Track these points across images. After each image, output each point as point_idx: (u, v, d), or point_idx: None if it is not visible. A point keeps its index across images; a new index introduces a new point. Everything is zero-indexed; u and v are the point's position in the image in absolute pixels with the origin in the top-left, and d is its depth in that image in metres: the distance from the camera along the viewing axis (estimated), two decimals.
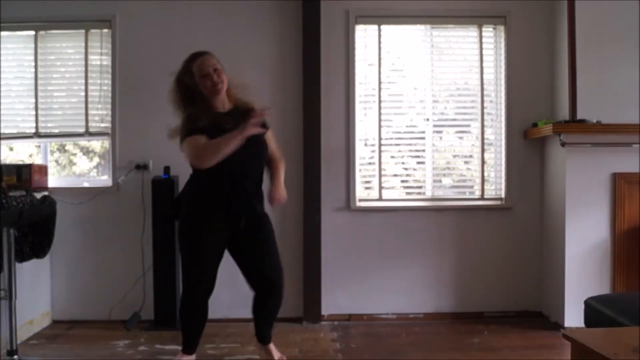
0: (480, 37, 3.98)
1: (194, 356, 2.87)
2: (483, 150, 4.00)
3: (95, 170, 4.15)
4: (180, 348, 2.80)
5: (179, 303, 2.88)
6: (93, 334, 3.57)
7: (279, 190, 2.76)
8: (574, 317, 3.46)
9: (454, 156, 4.12)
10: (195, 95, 2.65)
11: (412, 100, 4.03)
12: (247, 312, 3.85)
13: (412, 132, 4.03)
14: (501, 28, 3.97)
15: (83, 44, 3.92)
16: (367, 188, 3.98)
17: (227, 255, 3.87)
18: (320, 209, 3.83)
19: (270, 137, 2.80)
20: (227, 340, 3.43)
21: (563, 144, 3.57)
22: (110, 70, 3.89)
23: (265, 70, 3.90)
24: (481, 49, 3.98)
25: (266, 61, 3.92)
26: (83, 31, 3.91)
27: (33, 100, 3.92)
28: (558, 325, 3.65)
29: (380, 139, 3.95)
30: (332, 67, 3.86)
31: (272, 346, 2.91)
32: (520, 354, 3.15)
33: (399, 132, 4.03)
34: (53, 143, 4.05)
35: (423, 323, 3.83)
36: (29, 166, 3.62)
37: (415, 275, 3.92)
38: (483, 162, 4.00)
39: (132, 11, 3.88)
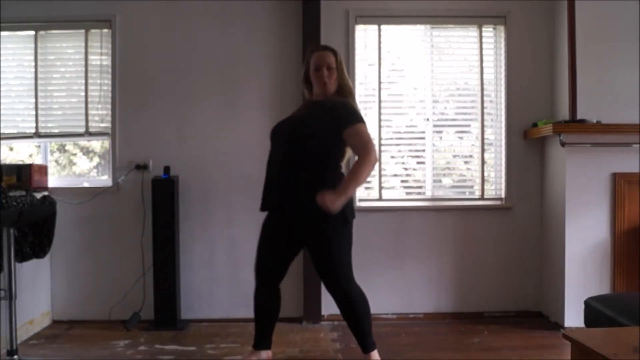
0: (480, 37, 3.99)
1: (263, 354, 2.79)
2: (483, 150, 4.00)
3: (95, 170, 4.15)
4: (177, 348, 2.75)
5: None
6: (93, 334, 3.57)
7: (324, 194, 2.39)
8: (574, 317, 3.46)
9: (454, 156, 4.12)
10: (309, 81, 2.78)
11: (412, 100, 4.03)
12: (247, 312, 3.84)
13: (412, 132, 4.03)
14: (501, 28, 3.97)
15: (83, 44, 3.92)
16: (367, 188, 3.98)
17: (224, 255, 3.89)
18: None
19: (353, 136, 2.55)
20: (227, 340, 3.43)
21: (563, 144, 3.58)
22: (110, 70, 3.89)
23: (265, 69, 3.90)
24: (481, 49, 3.98)
25: (266, 61, 3.92)
26: (83, 31, 3.91)
27: (33, 100, 3.92)
28: (558, 325, 3.65)
29: (380, 139, 3.95)
30: None
31: (371, 356, 2.65)
32: (520, 354, 3.15)
33: (399, 132, 4.03)
34: (53, 143, 4.05)
35: (423, 323, 3.83)
36: (29, 166, 3.62)
37: (415, 275, 3.93)
38: (483, 162, 4.00)
39: (132, 11, 3.88)
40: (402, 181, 4.08)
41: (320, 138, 2.57)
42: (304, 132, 2.61)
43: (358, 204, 3.91)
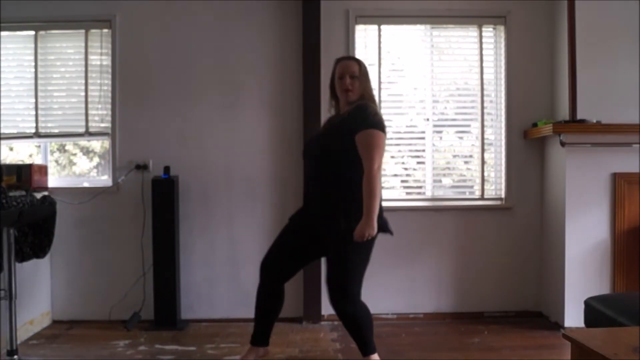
0: (480, 37, 3.98)
1: (261, 350, 2.82)
2: (483, 150, 4.00)
3: (95, 170, 4.15)
4: (177, 348, 2.75)
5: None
6: (93, 334, 3.57)
7: (359, 227, 2.50)
8: (574, 317, 3.46)
9: (454, 156, 4.12)
10: (334, 91, 2.82)
11: (412, 100, 4.03)
12: (247, 312, 3.85)
13: (412, 132, 4.03)
14: (501, 28, 3.97)
15: (83, 44, 3.92)
16: None
17: (224, 255, 3.89)
18: None
19: (359, 142, 2.57)
20: (227, 340, 3.43)
21: (563, 144, 3.58)
22: (110, 70, 3.89)
23: (265, 70, 3.90)
24: (481, 49, 3.98)
25: (266, 61, 3.92)
26: (83, 31, 3.91)
27: (33, 100, 3.92)
28: (558, 325, 3.65)
29: None
30: None
31: (370, 358, 2.66)
32: (520, 354, 3.15)
33: (399, 132, 4.03)
34: (53, 143, 4.05)
35: (423, 323, 3.83)
36: (29, 166, 3.62)
37: (415, 275, 3.92)
38: (483, 162, 4.00)
39: (132, 11, 3.88)
40: (402, 181, 4.08)
41: (341, 149, 2.61)
42: (326, 147, 2.66)
43: None
